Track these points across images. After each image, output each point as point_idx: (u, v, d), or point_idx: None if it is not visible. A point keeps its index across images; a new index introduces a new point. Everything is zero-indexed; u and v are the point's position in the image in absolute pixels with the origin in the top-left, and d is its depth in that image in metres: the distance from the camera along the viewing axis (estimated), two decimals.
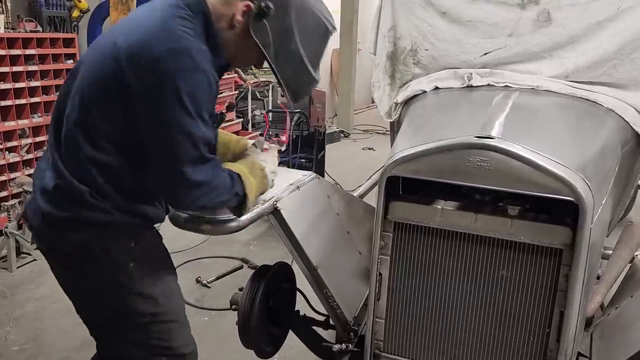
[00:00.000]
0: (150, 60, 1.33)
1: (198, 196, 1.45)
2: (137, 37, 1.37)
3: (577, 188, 1.48)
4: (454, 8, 2.54)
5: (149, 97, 1.35)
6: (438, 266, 1.71)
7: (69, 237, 1.48)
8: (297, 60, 1.51)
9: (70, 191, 1.46)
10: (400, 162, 1.65)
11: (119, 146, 1.45)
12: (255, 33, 1.47)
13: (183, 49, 1.35)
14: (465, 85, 2.39)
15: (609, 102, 2.20)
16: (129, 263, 1.51)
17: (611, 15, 2.25)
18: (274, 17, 1.45)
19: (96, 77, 1.42)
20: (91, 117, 1.43)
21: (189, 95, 1.34)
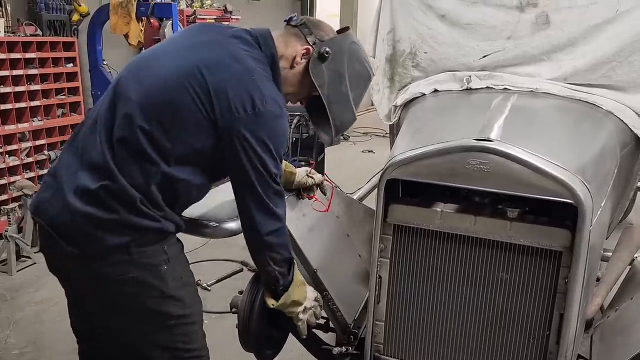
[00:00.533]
0: (243, 105, 1.45)
1: (274, 229, 1.57)
2: (223, 77, 1.47)
3: (577, 191, 1.48)
4: (453, 11, 2.55)
5: (239, 137, 1.46)
6: (438, 269, 1.72)
7: (107, 240, 1.47)
8: (345, 101, 1.68)
9: (121, 195, 1.46)
10: (400, 165, 1.66)
11: (190, 164, 1.53)
12: (314, 74, 1.62)
13: (272, 98, 1.49)
14: (465, 88, 2.40)
15: (608, 104, 2.21)
16: (163, 266, 1.55)
17: (609, 18, 2.26)
18: (331, 62, 1.62)
19: (178, 102, 1.48)
20: (162, 133, 1.48)
21: (274, 138, 1.49)
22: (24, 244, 3.93)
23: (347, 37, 1.68)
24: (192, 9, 5.48)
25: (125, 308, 1.57)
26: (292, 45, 1.63)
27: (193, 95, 1.46)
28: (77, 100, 4.89)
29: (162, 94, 1.49)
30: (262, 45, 1.59)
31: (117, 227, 1.47)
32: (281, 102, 1.53)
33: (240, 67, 1.49)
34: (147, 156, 1.47)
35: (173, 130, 1.48)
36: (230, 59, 1.50)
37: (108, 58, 5.25)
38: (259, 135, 1.46)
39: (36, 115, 4.54)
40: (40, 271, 3.85)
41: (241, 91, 1.46)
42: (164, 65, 1.53)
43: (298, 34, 1.64)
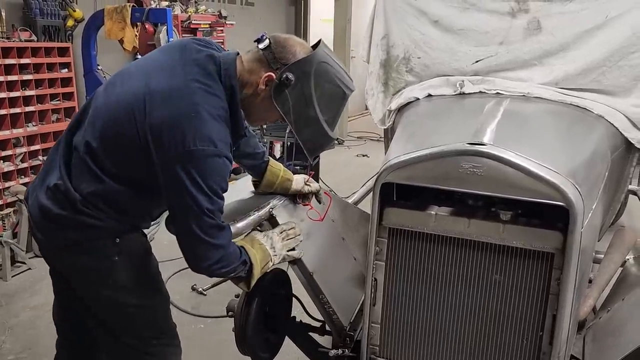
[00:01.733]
0: (174, 142, 1.45)
1: (216, 259, 1.57)
2: (163, 113, 1.48)
3: (568, 193, 1.51)
4: (446, 17, 2.58)
5: (170, 174, 1.48)
6: (432, 271, 1.74)
7: (62, 232, 1.63)
8: (315, 124, 1.62)
9: (67, 194, 1.60)
10: (394, 169, 1.68)
11: (126, 181, 1.59)
12: (277, 101, 1.58)
13: (206, 136, 1.46)
14: (458, 93, 2.43)
15: (598, 108, 2.24)
16: (113, 257, 1.64)
17: (599, 24, 2.30)
18: (295, 86, 1.56)
19: (119, 128, 1.54)
20: (106, 152, 1.57)
21: (205, 176, 1.47)
22: (19, 249, 3.92)
23: (313, 57, 1.57)
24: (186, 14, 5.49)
25: (92, 292, 1.71)
26: (256, 71, 1.59)
27: (133, 124, 1.52)
28: (72, 105, 4.89)
29: (111, 114, 1.58)
30: (223, 76, 1.55)
31: (67, 222, 1.60)
32: (218, 140, 1.49)
33: (183, 104, 1.48)
34: (88, 167, 1.58)
35: (113, 151, 1.57)
36: (176, 90, 1.50)
37: (102, 63, 5.26)
38: (189, 173, 1.45)
39: (30, 120, 4.53)
40: (35, 276, 3.84)
41: (175, 130, 1.45)
42: (125, 85, 1.59)
43: (262, 58, 1.58)
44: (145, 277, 1.75)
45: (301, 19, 8.80)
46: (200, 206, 1.48)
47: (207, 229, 1.52)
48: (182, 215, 1.53)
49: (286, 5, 8.65)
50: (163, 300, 1.81)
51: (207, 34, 5.55)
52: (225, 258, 1.59)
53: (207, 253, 1.55)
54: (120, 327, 1.74)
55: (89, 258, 1.64)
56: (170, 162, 1.47)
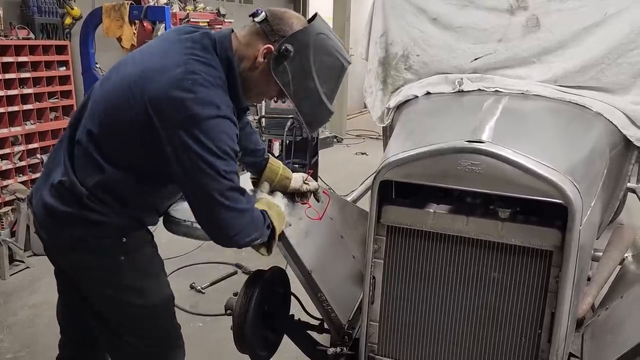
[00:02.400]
0: (176, 109, 1.43)
1: (243, 225, 1.53)
2: (159, 84, 1.46)
3: (566, 191, 1.50)
4: (444, 14, 2.58)
5: (178, 143, 1.44)
6: (431, 269, 1.73)
7: (67, 230, 1.60)
8: (315, 97, 1.61)
9: (73, 190, 1.57)
10: (393, 167, 1.68)
11: (131, 168, 1.57)
12: (276, 74, 1.56)
13: (206, 99, 1.44)
14: (456, 90, 2.43)
15: (597, 106, 2.24)
16: (119, 257, 1.62)
17: (598, 21, 2.30)
18: (293, 58, 1.54)
19: (118, 112, 1.53)
20: (108, 139, 1.55)
21: (213, 137, 1.44)
22: (17, 247, 3.92)
23: (311, 29, 1.57)
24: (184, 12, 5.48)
25: (95, 291, 1.69)
26: (254, 44, 1.57)
27: (131, 104, 1.50)
28: (70, 104, 4.88)
29: (109, 100, 1.57)
30: (218, 48, 1.54)
31: (73, 219, 1.58)
32: (221, 103, 1.47)
33: (178, 72, 1.46)
34: (92, 157, 1.56)
35: (114, 137, 1.55)
36: (172, 64, 1.48)
37: (101, 61, 5.24)
38: (196, 137, 1.42)
39: (28, 118, 4.52)
40: (34, 275, 3.84)
41: (174, 98, 1.43)
42: (120, 74, 1.59)
43: (258, 31, 1.57)
44: (151, 277, 1.72)
45: None
46: (216, 168, 1.44)
47: (229, 192, 1.48)
48: (199, 186, 1.47)
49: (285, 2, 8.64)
50: (168, 301, 1.78)
51: None
52: (253, 223, 1.56)
53: (233, 220, 1.50)
54: (124, 327, 1.72)
55: (94, 257, 1.62)
56: (175, 130, 1.43)
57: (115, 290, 1.65)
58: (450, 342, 1.75)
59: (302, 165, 4.71)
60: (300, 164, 4.71)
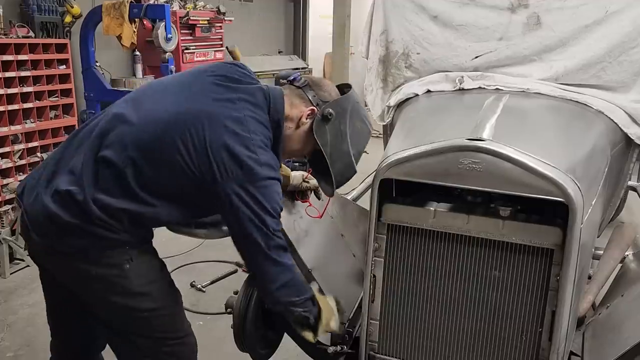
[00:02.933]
0: (238, 165, 1.50)
1: (286, 281, 1.62)
2: (221, 134, 1.52)
3: (567, 189, 1.50)
4: (445, 12, 2.57)
5: (234, 193, 1.51)
6: (431, 267, 1.73)
7: (68, 240, 1.57)
8: (346, 158, 1.75)
9: (85, 207, 1.54)
10: (393, 165, 1.67)
11: (162, 200, 1.57)
12: (317, 135, 1.69)
13: (265, 161, 1.54)
14: (457, 89, 2.42)
15: (598, 104, 2.23)
16: (125, 265, 1.60)
17: (599, 19, 2.29)
18: (334, 122, 1.69)
19: (166, 146, 1.53)
20: (146, 166, 1.55)
21: (268, 197, 1.54)
22: (17, 246, 3.92)
23: (349, 98, 1.74)
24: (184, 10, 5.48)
25: (97, 300, 1.67)
26: (297, 106, 1.70)
27: (187, 142, 1.52)
28: (70, 102, 4.87)
29: (160, 131, 1.55)
30: (272, 110, 1.64)
31: (77, 231, 1.55)
32: (275, 166, 1.58)
33: (239, 129, 1.53)
34: (126, 183, 1.55)
35: (160, 170, 1.55)
36: (230, 116, 1.55)
37: (101, 59, 5.24)
38: (253, 194, 1.51)
39: (28, 117, 4.51)
40: (34, 273, 3.82)
41: (237, 153, 1.50)
42: (170, 102, 1.60)
43: (302, 94, 1.71)
44: (158, 280, 1.72)
45: (300, 15, 8.77)
46: (267, 225, 1.54)
47: (274, 247, 1.57)
48: (250, 238, 1.55)
49: (285, 1, 8.62)
50: (176, 300, 1.79)
51: (206, 30, 5.53)
52: (293, 282, 1.64)
53: (276, 275, 1.60)
54: (133, 331, 1.71)
55: (96, 267, 1.59)
56: (234, 183, 1.50)
57: (121, 298, 1.64)
58: (451, 341, 1.75)
59: (301, 163, 4.70)
60: (300, 162, 4.70)
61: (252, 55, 7.42)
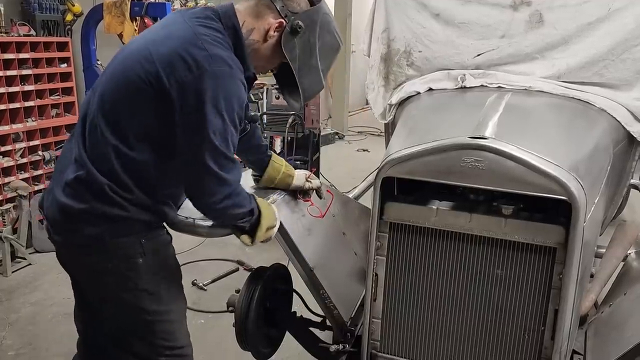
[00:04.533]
0: (187, 67, 1.44)
1: (226, 194, 1.53)
2: (169, 47, 1.47)
3: (570, 187, 1.49)
4: (447, 10, 2.56)
5: (185, 100, 1.45)
6: (434, 266, 1.73)
7: (83, 229, 1.55)
8: (315, 73, 1.69)
9: (91, 183, 1.52)
10: (395, 163, 1.67)
11: (146, 142, 1.53)
12: (285, 48, 1.62)
13: (218, 56, 1.47)
14: (459, 87, 2.41)
15: (600, 102, 2.22)
16: (137, 259, 1.58)
17: (602, 16, 2.28)
18: (302, 35, 1.62)
19: (127, 79, 1.51)
20: (119, 113, 1.52)
21: (224, 100, 1.46)
22: (19, 244, 3.92)
23: (319, 10, 1.66)
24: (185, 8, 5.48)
25: (107, 297, 1.64)
26: (264, 17, 1.61)
27: (141, 70, 1.48)
28: (71, 100, 4.86)
29: (117, 76, 1.55)
30: (222, 17, 1.57)
31: (89, 217, 1.53)
32: (232, 61, 1.49)
33: (187, 34, 1.49)
34: (107, 139, 1.52)
35: (126, 108, 1.52)
36: (179, 30, 1.51)
37: (102, 57, 5.23)
38: (206, 96, 1.43)
39: (30, 115, 4.51)
40: (36, 272, 3.84)
41: (185, 55, 1.44)
42: (124, 52, 1.61)
43: (270, 5, 1.61)
44: (168, 280, 1.67)
45: None
46: (215, 131, 1.45)
47: (221, 159, 1.49)
48: (194, 144, 1.47)
49: None
50: (182, 306, 1.75)
51: None
52: (235, 195, 1.56)
53: (216, 187, 1.51)
54: (134, 333, 1.66)
55: (110, 258, 1.56)
56: (185, 87, 1.44)
57: (130, 295, 1.59)
58: (453, 339, 1.75)
59: (303, 162, 4.70)
60: (302, 160, 4.70)
61: None
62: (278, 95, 4.70)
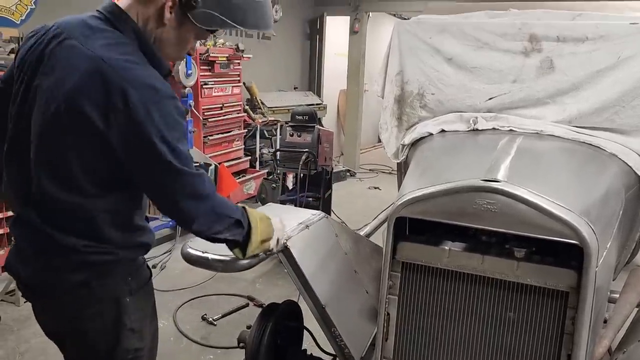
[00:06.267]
0: (112, 102, 1.28)
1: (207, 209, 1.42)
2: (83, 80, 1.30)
3: (582, 232, 1.51)
4: (459, 55, 2.64)
5: (124, 135, 1.31)
6: (446, 307, 1.73)
7: (68, 278, 1.43)
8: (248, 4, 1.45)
9: (63, 245, 1.40)
10: (409, 204, 1.70)
11: (99, 185, 1.39)
12: (201, 21, 1.40)
13: (138, 82, 1.30)
14: (471, 129, 2.46)
15: (611, 147, 2.25)
16: (125, 298, 1.49)
17: (612, 64, 2.33)
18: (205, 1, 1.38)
19: (51, 134, 1.36)
20: (59, 159, 1.37)
21: (163, 125, 1.31)
22: None
23: None
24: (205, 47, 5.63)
25: (89, 344, 1.51)
26: (151, 2, 1.39)
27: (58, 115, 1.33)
28: None
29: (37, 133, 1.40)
30: (117, 23, 1.38)
31: (72, 267, 1.42)
32: (155, 82, 1.33)
33: (95, 62, 1.30)
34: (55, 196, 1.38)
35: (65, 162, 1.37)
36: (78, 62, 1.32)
37: None
38: (143, 129, 1.28)
39: None
40: None
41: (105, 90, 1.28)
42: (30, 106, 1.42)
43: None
44: (149, 317, 1.60)
45: (316, 53, 8.96)
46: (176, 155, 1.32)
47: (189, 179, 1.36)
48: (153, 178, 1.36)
49: (302, 39, 8.83)
50: (155, 342, 1.65)
51: (225, 66, 5.67)
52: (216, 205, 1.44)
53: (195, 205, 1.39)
54: None
55: (97, 303, 1.45)
56: (118, 124, 1.29)
57: (115, 336, 1.49)
58: None
59: (316, 199, 4.73)
60: (314, 197, 4.73)
61: (269, 91, 7.56)
62: (292, 133, 4.77)
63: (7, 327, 3.53)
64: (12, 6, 4.56)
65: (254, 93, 6.65)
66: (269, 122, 6.63)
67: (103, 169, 1.38)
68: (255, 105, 6.68)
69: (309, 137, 4.69)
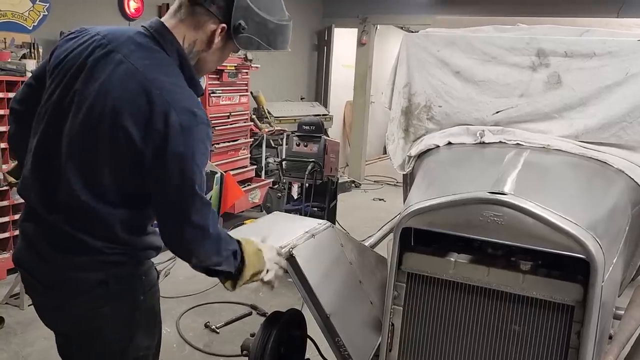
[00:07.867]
0: (154, 122, 1.35)
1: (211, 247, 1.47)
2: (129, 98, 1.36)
3: (588, 246, 1.51)
4: (467, 68, 2.65)
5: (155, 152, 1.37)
6: (450, 318, 1.73)
7: (88, 276, 1.47)
8: (279, 29, 1.57)
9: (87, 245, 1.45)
10: (416, 214, 1.71)
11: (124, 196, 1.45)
12: (244, 46, 1.52)
13: (180, 106, 1.37)
14: (478, 142, 2.47)
15: (618, 162, 2.25)
16: (140, 296, 1.55)
17: (619, 80, 2.34)
18: (248, 23, 1.49)
19: (92, 136, 1.40)
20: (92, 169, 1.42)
21: (196, 149, 1.38)
22: None
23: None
24: None
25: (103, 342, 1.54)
26: (204, 26, 1.47)
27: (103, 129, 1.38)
28: None
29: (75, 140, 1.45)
30: (163, 43, 1.45)
31: (92, 266, 1.46)
32: (194, 107, 1.40)
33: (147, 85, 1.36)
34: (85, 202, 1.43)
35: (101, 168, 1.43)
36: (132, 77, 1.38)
37: None
38: (176, 150, 1.34)
39: None
40: None
41: (149, 110, 1.34)
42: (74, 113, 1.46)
43: (206, 12, 1.46)
44: (157, 315, 1.65)
45: (323, 64, 9.01)
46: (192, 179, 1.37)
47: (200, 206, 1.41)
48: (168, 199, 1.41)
49: (310, 50, 8.89)
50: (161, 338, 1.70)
51: (233, 75, 5.72)
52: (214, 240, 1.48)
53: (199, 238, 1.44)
54: None
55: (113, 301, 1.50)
56: (154, 143, 1.35)
57: (128, 334, 1.54)
58: None
59: (321, 209, 4.74)
60: (319, 207, 4.74)
61: (276, 101, 7.61)
62: (299, 142, 4.79)
63: (11, 330, 3.54)
64: (25, 12, 4.63)
65: (261, 102, 6.69)
66: (276, 131, 6.67)
67: (131, 184, 1.44)
68: (262, 115, 6.71)
69: (315, 147, 4.71)
